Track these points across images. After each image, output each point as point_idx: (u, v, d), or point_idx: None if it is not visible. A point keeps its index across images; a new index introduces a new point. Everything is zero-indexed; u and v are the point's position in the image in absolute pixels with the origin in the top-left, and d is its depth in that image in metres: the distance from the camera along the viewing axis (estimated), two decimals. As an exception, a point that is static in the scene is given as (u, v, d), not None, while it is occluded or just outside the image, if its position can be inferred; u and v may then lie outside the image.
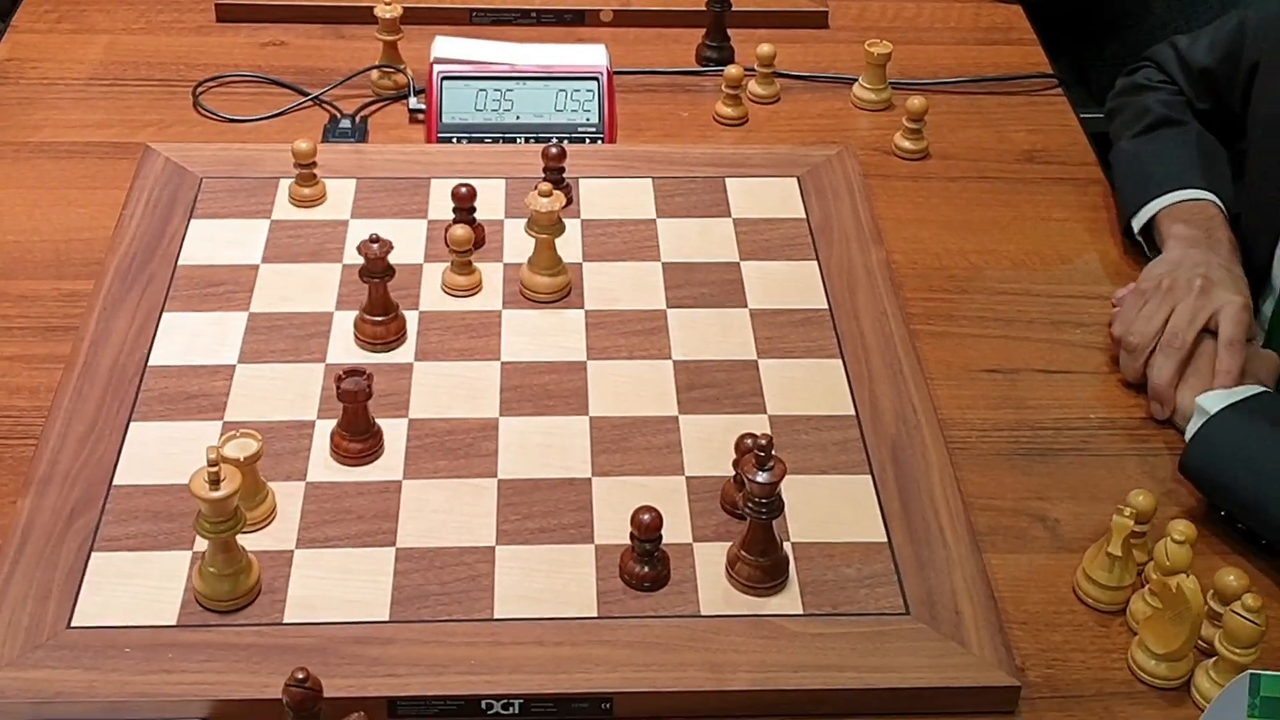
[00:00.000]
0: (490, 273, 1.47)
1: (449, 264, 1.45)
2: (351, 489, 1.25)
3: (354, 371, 1.25)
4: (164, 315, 1.40)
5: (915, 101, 1.67)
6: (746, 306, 1.45)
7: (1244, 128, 1.55)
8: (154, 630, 1.13)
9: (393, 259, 1.36)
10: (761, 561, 1.17)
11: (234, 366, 1.35)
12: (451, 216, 1.48)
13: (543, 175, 1.52)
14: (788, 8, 1.92)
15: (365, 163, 1.61)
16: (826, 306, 1.45)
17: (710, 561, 1.20)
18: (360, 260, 1.36)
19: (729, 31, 1.84)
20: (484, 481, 1.26)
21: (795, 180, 1.61)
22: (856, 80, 1.78)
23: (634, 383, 1.36)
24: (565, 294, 1.45)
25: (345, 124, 1.69)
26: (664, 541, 1.17)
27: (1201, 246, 1.43)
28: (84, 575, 1.16)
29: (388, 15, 1.72)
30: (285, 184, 1.56)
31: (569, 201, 1.53)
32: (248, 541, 1.17)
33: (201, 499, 1.09)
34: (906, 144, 1.69)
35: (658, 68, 1.83)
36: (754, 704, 1.11)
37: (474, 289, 1.45)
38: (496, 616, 1.15)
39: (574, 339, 1.41)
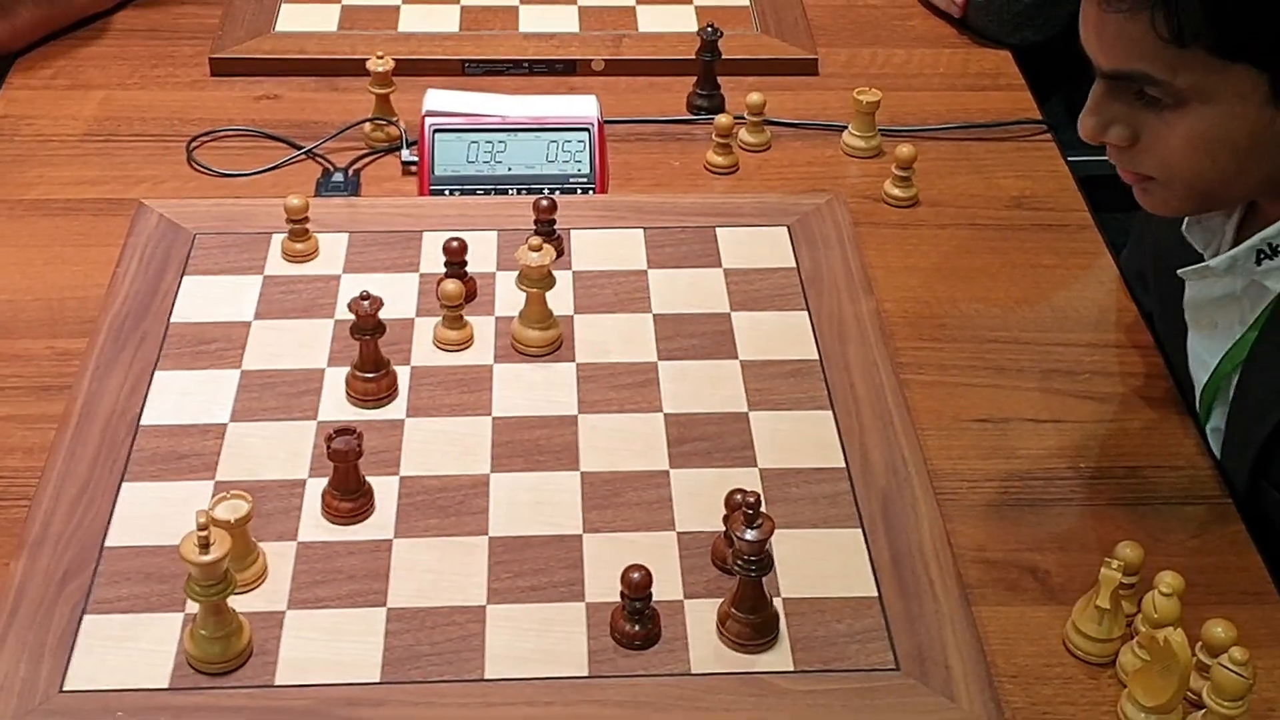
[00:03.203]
0: (482, 326, 1.48)
1: (440, 318, 1.46)
2: (342, 548, 1.25)
3: (344, 430, 1.26)
4: (156, 374, 1.40)
5: (904, 149, 1.68)
6: (737, 358, 1.46)
7: None
8: (146, 694, 1.13)
9: (384, 313, 1.37)
10: (752, 619, 1.17)
11: (226, 425, 1.36)
12: (443, 270, 1.48)
13: (534, 228, 1.53)
14: (777, 56, 1.93)
15: (358, 216, 1.62)
16: (817, 357, 1.46)
17: (701, 619, 1.20)
18: (351, 317, 1.37)
19: (719, 80, 1.85)
20: (475, 539, 1.26)
21: (785, 229, 1.62)
22: (846, 128, 1.79)
23: (625, 437, 1.36)
24: (556, 347, 1.46)
25: (338, 177, 1.70)
26: (654, 599, 1.18)
27: None
28: (76, 638, 1.16)
29: (380, 68, 1.73)
30: (278, 239, 1.57)
31: (560, 254, 1.54)
32: (239, 603, 1.17)
33: (191, 563, 1.10)
34: (896, 191, 1.70)
35: (648, 116, 1.84)
36: (745, 762, 1.12)
37: (465, 343, 1.46)
38: (488, 677, 1.15)
39: (565, 393, 1.41)
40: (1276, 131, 1.20)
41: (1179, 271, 1.38)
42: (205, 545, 1.09)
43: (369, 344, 1.37)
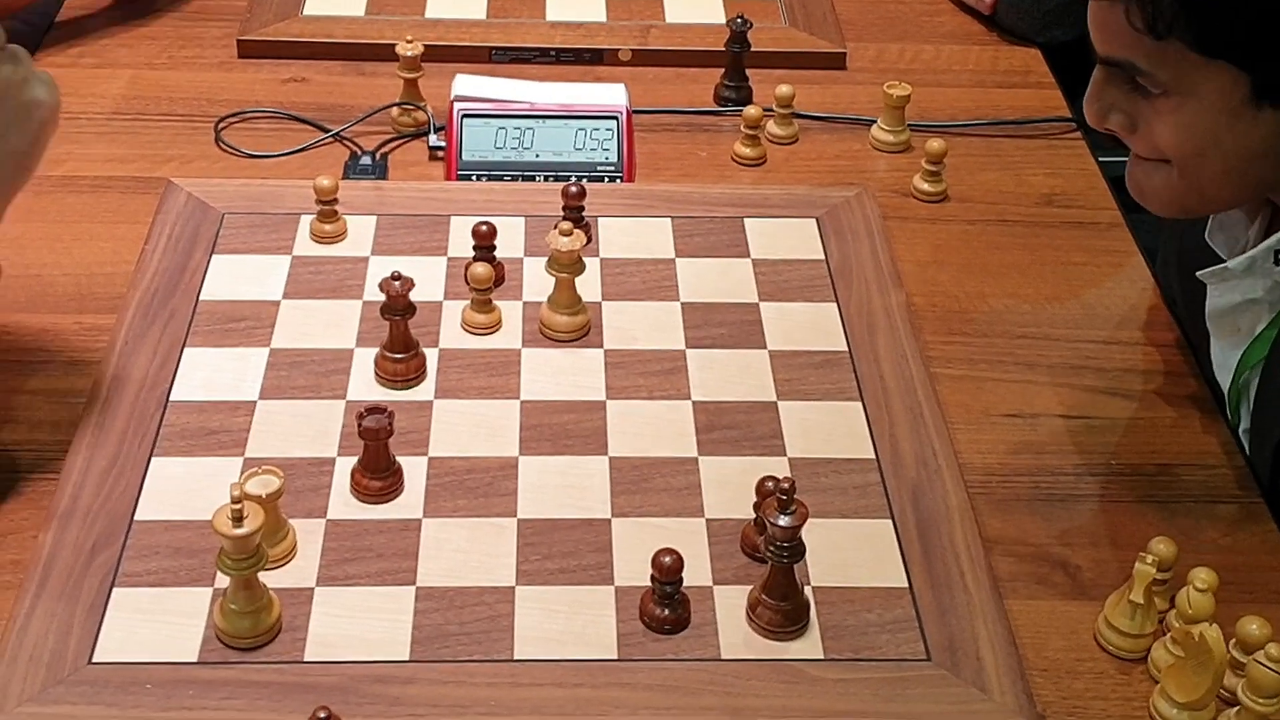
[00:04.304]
0: (510, 311, 1.47)
1: (469, 302, 1.46)
2: (372, 527, 1.25)
3: (375, 409, 1.25)
4: (185, 350, 1.40)
5: (934, 144, 1.67)
6: (766, 348, 1.45)
7: None
8: (175, 667, 1.13)
9: (413, 296, 1.36)
10: (783, 606, 1.17)
11: (255, 403, 1.35)
12: (471, 254, 1.48)
13: (562, 214, 1.52)
14: (806, 49, 1.93)
15: (386, 199, 1.62)
16: (846, 348, 1.45)
17: (730, 605, 1.19)
18: (381, 297, 1.36)
19: (747, 72, 1.84)
20: (504, 521, 1.26)
21: (814, 221, 1.62)
22: (875, 122, 1.79)
23: (653, 423, 1.36)
24: (584, 333, 1.45)
25: (366, 160, 1.69)
26: (684, 584, 1.17)
27: None
28: (105, 611, 1.16)
29: (409, 53, 1.73)
30: (306, 220, 1.56)
31: (589, 240, 1.53)
32: (268, 578, 1.16)
33: (225, 536, 1.09)
34: (925, 186, 1.69)
35: (676, 107, 1.83)
36: (774, 749, 1.11)
37: (494, 327, 1.45)
38: (516, 657, 1.15)
39: (593, 378, 1.41)
40: (1264, 132, 1.20)
41: (1199, 274, 1.38)
42: (239, 519, 1.09)
43: (399, 324, 1.37)
